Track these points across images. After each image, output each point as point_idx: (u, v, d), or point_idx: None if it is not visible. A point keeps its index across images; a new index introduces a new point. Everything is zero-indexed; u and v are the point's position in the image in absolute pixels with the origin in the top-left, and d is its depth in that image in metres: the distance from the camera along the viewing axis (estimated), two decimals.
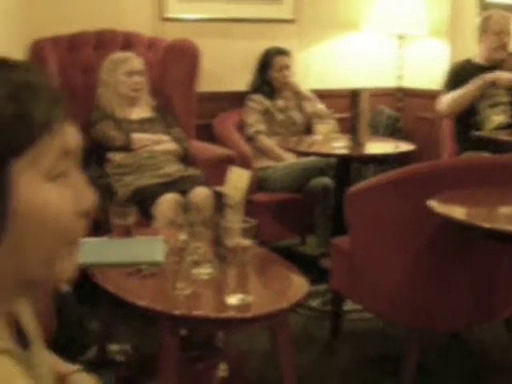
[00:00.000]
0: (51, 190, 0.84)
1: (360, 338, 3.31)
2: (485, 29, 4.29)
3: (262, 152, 4.26)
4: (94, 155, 3.67)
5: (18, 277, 0.86)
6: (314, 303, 3.62)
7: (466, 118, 4.15)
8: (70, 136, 0.88)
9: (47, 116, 0.84)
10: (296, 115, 4.45)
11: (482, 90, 4.11)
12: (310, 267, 3.90)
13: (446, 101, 4.23)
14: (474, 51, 4.38)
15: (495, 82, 4.06)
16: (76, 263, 0.91)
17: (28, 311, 1.02)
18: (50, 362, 1.10)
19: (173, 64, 4.23)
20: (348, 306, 3.45)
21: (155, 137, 3.76)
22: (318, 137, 3.89)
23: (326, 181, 3.96)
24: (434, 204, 2.37)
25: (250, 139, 4.28)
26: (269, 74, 4.38)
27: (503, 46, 4.23)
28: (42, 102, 0.84)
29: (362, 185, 2.85)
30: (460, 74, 4.25)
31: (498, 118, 4.19)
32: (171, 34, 4.40)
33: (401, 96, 5.12)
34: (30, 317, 1.01)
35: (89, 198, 0.89)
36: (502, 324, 3.02)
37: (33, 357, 0.95)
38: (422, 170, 2.65)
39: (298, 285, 2.36)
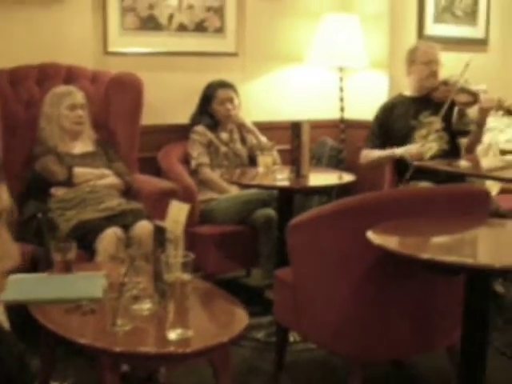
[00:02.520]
0: None
1: (304, 369, 3.32)
2: (413, 60, 4.39)
3: (206, 184, 4.28)
4: (36, 190, 3.65)
5: None
6: (259, 335, 3.63)
7: None
8: (4, 198, 0.87)
9: None
10: (239, 147, 4.48)
11: (390, 161, 4.30)
12: (255, 299, 3.92)
13: (365, 157, 4.41)
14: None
15: (403, 157, 4.18)
16: None
17: None
18: None
19: (116, 97, 4.23)
20: (293, 337, 3.47)
21: (97, 171, 3.76)
22: (260, 169, 3.92)
23: (269, 212, 3.99)
24: (372, 235, 2.41)
25: (194, 172, 4.30)
26: (212, 106, 4.41)
27: (433, 74, 4.32)
28: None
29: (302, 217, 2.88)
30: (383, 124, 4.38)
31: (433, 146, 4.28)
32: (114, 67, 4.40)
33: (343, 127, 5.20)
34: None
35: (14, 256, 0.90)
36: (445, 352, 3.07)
37: None
38: (359, 201, 2.69)
39: (239, 318, 2.36)
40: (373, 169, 4.43)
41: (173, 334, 2.13)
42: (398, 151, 4.22)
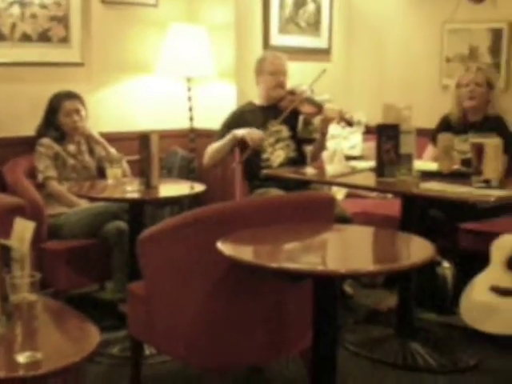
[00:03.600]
0: None
1: (162, 382, 3.30)
2: (260, 70, 4.51)
3: (54, 198, 4.17)
4: None
5: None
6: (114, 350, 3.57)
7: (254, 157, 4.31)
8: None
9: None
10: (88, 160, 4.40)
11: (233, 145, 4.35)
12: (108, 313, 3.86)
13: (206, 154, 4.47)
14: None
15: (245, 138, 4.27)
16: None
17: None
18: None
19: None
20: (149, 350, 3.44)
21: None
22: (109, 181, 3.87)
23: (120, 225, 3.94)
24: (222, 246, 2.43)
25: (41, 185, 4.18)
26: (58, 118, 4.31)
27: (280, 85, 4.45)
28: None
29: (152, 229, 2.86)
30: (231, 129, 4.42)
31: (281, 153, 4.40)
32: None
33: (193, 137, 5.22)
34: None
35: None
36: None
37: None
38: (208, 212, 2.71)
39: (91, 335, 2.31)
40: (216, 163, 4.47)
41: (21, 357, 2.06)
42: (240, 132, 4.31)
